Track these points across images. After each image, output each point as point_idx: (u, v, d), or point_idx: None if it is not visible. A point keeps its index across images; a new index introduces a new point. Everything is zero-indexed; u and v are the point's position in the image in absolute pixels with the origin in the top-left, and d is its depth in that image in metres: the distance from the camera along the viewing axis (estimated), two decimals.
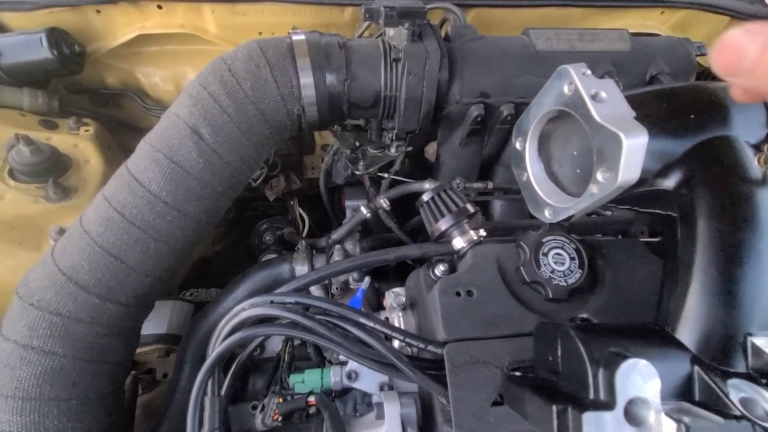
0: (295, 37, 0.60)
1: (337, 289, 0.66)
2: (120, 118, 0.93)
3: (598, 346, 0.32)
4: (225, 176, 0.58)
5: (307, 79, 0.59)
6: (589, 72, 0.39)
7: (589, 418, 0.28)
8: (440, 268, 0.50)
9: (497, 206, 0.80)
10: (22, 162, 0.65)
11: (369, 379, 0.51)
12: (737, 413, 0.29)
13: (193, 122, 0.56)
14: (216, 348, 0.45)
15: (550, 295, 0.45)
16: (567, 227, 0.51)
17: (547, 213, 0.47)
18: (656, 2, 0.84)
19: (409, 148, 0.75)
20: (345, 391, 0.59)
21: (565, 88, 0.40)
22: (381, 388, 0.50)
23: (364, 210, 0.71)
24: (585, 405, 0.30)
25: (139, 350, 0.78)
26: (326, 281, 0.66)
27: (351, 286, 0.66)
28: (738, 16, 0.88)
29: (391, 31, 0.63)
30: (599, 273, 0.48)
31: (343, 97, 0.62)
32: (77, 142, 0.74)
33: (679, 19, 0.88)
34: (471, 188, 0.74)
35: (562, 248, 0.47)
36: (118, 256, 0.54)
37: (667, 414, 0.29)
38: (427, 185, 0.63)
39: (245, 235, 1.12)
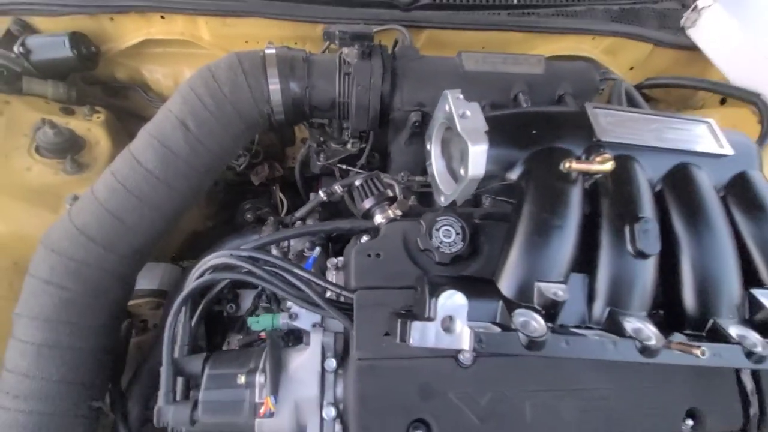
0: (267, 51, 0.76)
1: (293, 256, 0.82)
2: (127, 108, 1.09)
3: (437, 286, 0.47)
4: (206, 160, 0.74)
5: (274, 86, 0.74)
6: (461, 96, 0.54)
7: (416, 325, 0.44)
8: (364, 239, 0.66)
9: None
10: (47, 141, 0.81)
11: (306, 320, 0.66)
12: (514, 328, 0.44)
13: (182, 116, 0.71)
14: (188, 286, 0.61)
15: (437, 260, 0.60)
16: (457, 209, 0.66)
17: (441, 198, 0.63)
18: (585, 30, 0.98)
19: (363, 145, 0.90)
20: (295, 337, 0.75)
21: (446, 107, 0.56)
22: (314, 326, 0.66)
23: (321, 194, 0.86)
24: (418, 319, 0.45)
25: (134, 302, 0.95)
26: (285, 249, 0.81)
27: (305, 254, 0.82)
28: (660, 44, 1.02)
29: (346, 50, 0.78)
30: (480, 246, 0.63)
31: (305, 101, 0.78)
32: (90, 126, 0.89)
33: (608, 45, 1.02)
34: (414, 181, 0.89)
35: (450, 226, 0.62)
36: (120, 217, 0.70)
37: (469, 326, 0.44)
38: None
39: (234, 215, 1.28)
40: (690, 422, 0.58)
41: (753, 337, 0.47)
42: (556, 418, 0.55)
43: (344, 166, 0.93)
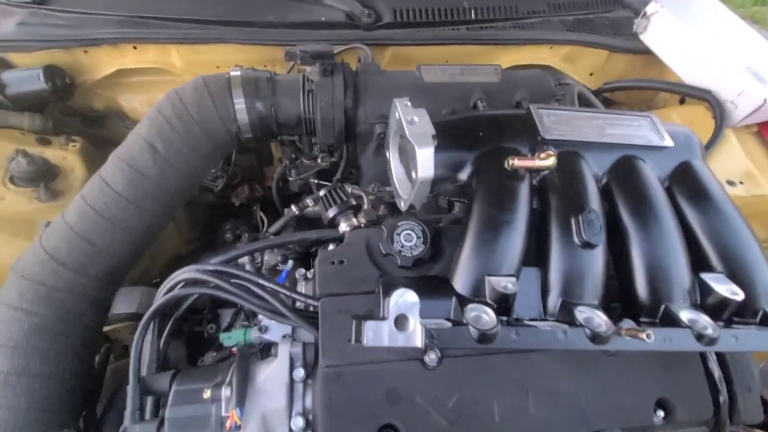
0: (232, 73, 0.79)
1: (266, 270, 0.83)
2: (106, 136, 1.11)
3: (391, 286, 0.48)
4: (176, 180, 0.76)
5: (240, 105, 0.77)
6: (408, 104, 0.57)
7: (369, 325, 0.45)
8: (330, 247, 0.67)
9: None
10: (20, 170, 0.82)
11: (276, 332, 0.67)
12: (465, 323, 0.45)
13: (150, 139, 0.73)
14: (155, 302, 0.61)
15: (399, 263, 0.61)
16: (417, 214, 0.67)
17: (402, 203, 0.64)
18: (542, 41, 1.03)
19: (333, 159, 0.92)
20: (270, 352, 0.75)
21: (396, 115, 0.58)
22: (284, 337, 0.66)
23: (294, 208, 0.88)
24: (372, 319, 0.46)
25: (113, 327, 0.94)
26: (258, 264, 0.82)
27: (278, 268, 0.83)
28: (615, 50, 1.07)
29: (309, 68, 0.82)
30: (442, 249, 0.64)
31: (271, 118, 0.80)
32: (66, 155, 0.91)
33: (566, 53, 1.06)
34: (384, 191, 0.91)
35: (411, 230, 0.63)
36: (90, 240, 0.71)
37: (421, 323, 0.45)
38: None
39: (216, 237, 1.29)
40: (661, 413, 0.58)
41: (703, 320, 0.48)
42: (525, 415, 0.55)
43: (317, 181, 0.95)
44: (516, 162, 0.50)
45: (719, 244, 0.54)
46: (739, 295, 0.49)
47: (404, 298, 0.46)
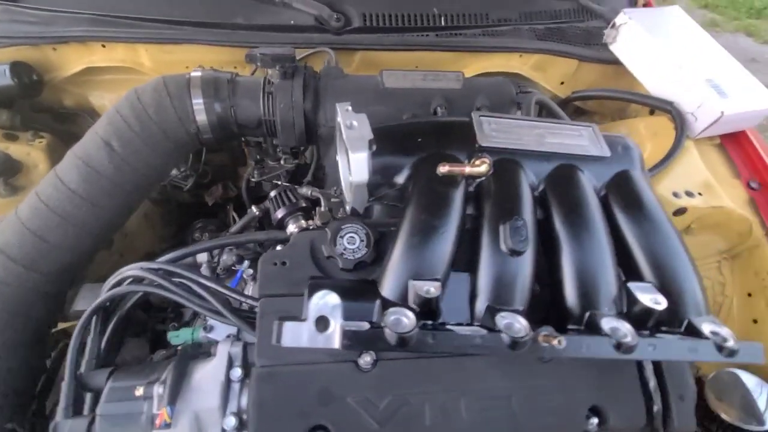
0: (192, 74, 0.80)
1: (223, 270, 0.83)
2: (76, 133, 1.11)
3: (316, 288, 0.49)
4: (133, 178, 0.76)
5: (198, 106, 0.78)
6: (349, 108, 0.57)
7: (288, 326, 0.45)
8: (277, 249, 0.67)
9: (375, 210, 0.97)
10: None
11: (221, 331, 0.67)
12: (383, 326, 0.45)
13: (107, 137, 0.74)
14: (98, 298, 0.62)
15: (341, 266, 0.62)
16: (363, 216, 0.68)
17: (347, 207, 0.65)
18: (512, 49, 1.04)
19: (296, 161, 0.93)
20: None
21: (338, 119, 0.59)
22: (228, 337, 0.66)
23: (255, 209, 0.88)
24: (296, 320, 0.47)
25: (73, 323, 0.94)
26: (215, 264, 0.83)
27: (234, 268, 0.83)
28: (584, 60, 1.08)
29: (270, 71, 0.82)
30: (386, 252, 0.65)
31: (230, 119, 0.81)
32: (30, 151, 0.92)
33: (536, 61, 1.07)
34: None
35: (355, 233, 0.64)
36: (42, 236, 0.71)
37: (342, 325, 0.45)
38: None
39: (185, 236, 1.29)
40: (594, 420, 0.58)
41: (624, 328, 0.48)
42: (456, 419, 0.56)
43: (280, 183, 0.95)
44: (447, 168, 0.51)
45: (650, 254, 0.54)
46: (662, 305, 0.49)
47: (325, 300, 0.46)
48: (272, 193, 0.71)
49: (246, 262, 0.82)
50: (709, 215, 0.89)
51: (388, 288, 0.50)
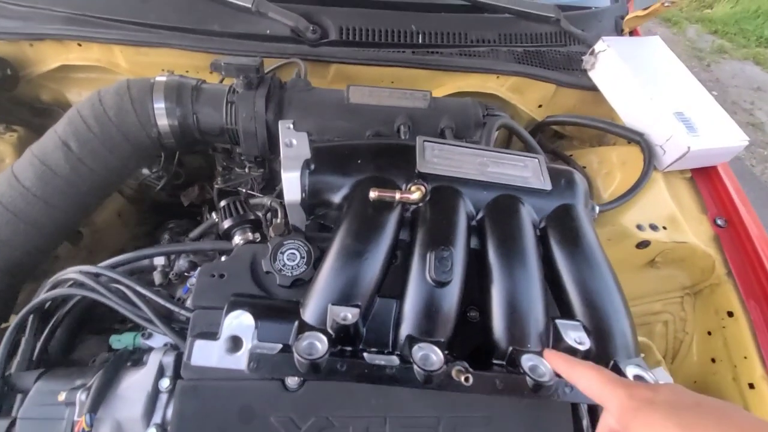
0: (157, 78, 0.80)
1: (175, 276, 0.83)
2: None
3: (235, 306, 0.48)
4: (90, 180, 0.77)
5: (160, 111, 0.78)
6: (291, 126, 0.57)
7: (198, 344, 0.45)
8: (221, 260, 0.67)
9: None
10: None
11: (159, 339, 0.67)
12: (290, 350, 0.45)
13: (65, 137, 0.75)
14: (35, 299, 0.62)
15: (278, 282, 0.61)
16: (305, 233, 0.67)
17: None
18: (488, 70, 1.03)
19: (261, 170, 0.93)
20: None
21: (281, 135, 0.58)
22: (165, 345, 0.66)
23: (214, 215, 0.88)
24: (209, 337, 0.46)
25: None
26: (168, 270, 0.82)
27: (186, 275, 0.83)
28: (561, 84, 1.07)
29: (236, 80, 0.83)
30: None
31: (192, 126, 0.81)
32: None
33: (513, 83, 1.07)
34: None
35: (297, 249, 0.63)
36: None
37: (254, 347, 0.45)
38: (256, 200, 0.81)
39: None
40: None
41: (544, 367, 0.47)
42: None
43: (244, 190, 0.95)
44: (377, 193, 0.51)
45: (583, 291, 0.54)
46: (584, 345, 0.49)
47: (239, 320, 0.46)
48: (222, 203, 0.71)
49: (198, 269, 0.82)
50: (672, 250, 0.88)
51: (309, 311, 0.50)
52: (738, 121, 3.60)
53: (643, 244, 0.86)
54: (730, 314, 0.84)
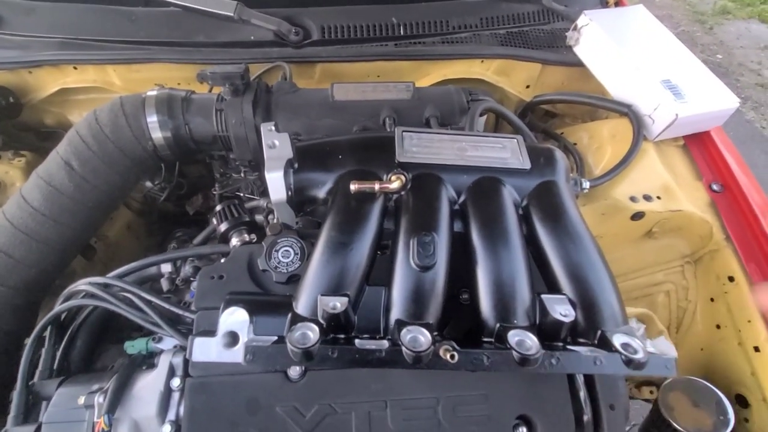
0: (148, 93, 0.83)
1: (182, 281, 0.86)
2: None
3: (231, 303, 0.51)
4: (94, 196, 0.80)
5: (153, 124, 0.81)
6: (272, 128, 0.60)
7: (197, 342, 0.48)
8: (221, 262, 0.70)
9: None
10: None
11: (169, 342, 0.70)
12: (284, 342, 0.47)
13: (67, 157, 0.78)
14: (53, 311, 0.66)
15: (275, 279, 0.64)
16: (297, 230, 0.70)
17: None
18: (472, 55, 1.04)
19: (257, 173, 0.95)
20: None
21: (263, 138, 0.61)
22: (174, 347, 0.70)
23: (214, 220, 0.91)
24: (209, 335, 0.49)
25: None
26: (174, 276, 0.86)
27: (191, 280, 0.86)
28: (547, 63, 1.07)
29: (223, 88, 0.85)
30: None
31: (186, 136, 0.84)
32: (8, 169, 0.97)
33: (498, 66, 1.07)
34: None
35: (290, 246, 0.66)
36: (7, 252, 0.76)
37: (250, 340, 0.48)
38: (253, 203, 0.84)
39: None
40: (523, 429, 0.59)
41: (530, 341, 0.49)
42: (382, 427, 0.57)
43: (243, 195, 0.98)
44: (356, 186, 0.53)
45: (567, 265, 0.55)
46: (569, 317, 0.50)
47: (234, 316, 0.48)
48: (217, 207, 0.73)
49: (199, 273, 0.85)
50: (669, 219, 0.88)
51: (301, 304, 0.52)
52: (746, 82, 3.50)
53: (637, 216, 0.86)
54: (731, 279, 0.84)
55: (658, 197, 0.87)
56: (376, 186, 0.53)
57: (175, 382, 0.62)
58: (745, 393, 0.79)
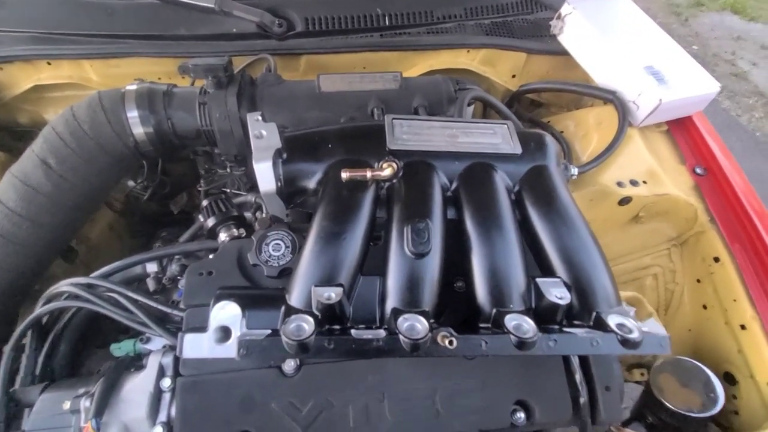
0: (128, 87, 0.80)
1: (169, 280, 0.84)
2: None
3: (222, 298, 0.50)
4: (73, 195, 0.77)
5: (134, 119, 0.78)
6: (259, 118, 0.58)
7: (187, 338, 0.46)
8: (209, 258, 0.68)
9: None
10: None
11: (158, 343, 0.68)
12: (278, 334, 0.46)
13: (43, 155, 0.75)
14: (32, 314, 0.63)
15: (266, 273, 0.62)
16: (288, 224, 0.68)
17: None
18: (457, 45, 1.04)
19: (243, 168, 0.93)
20: None
21: (250, 128, 0.59)
22: (163, 347, 0.68)
23: (201, 217, 0.89)
24: (200, 331, 0.47)
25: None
26: (160, 275, 0.83)
27: (178, 278, 0.84)
28: (532, 52, 1.08)
29: (206, 81, 0.83)
30: None
31: (168, 131, 0.82)
32: None
33: (483, 56, 1.07)
34: None
35: (281, 240, 0.64)
36: None
37: (243, 335, 0.46)
38: (240, 198, 0.82)
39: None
40: (521, 414, 0.59)
41: (526, 325, 0.49)
42: (380, 419, 0.57)
43: (228, 191, 0.96)
44: (347, 174, 0.52)
45: (561, 249, 0.55)
46: (564, 299, 0.50)
47: (225, 311, 0.47)
48: (204, 203, 0.72)
49: (186, 270, 0.83)
50: (655, 203, 0.89)
51: (294, 296, 0.51)
52: (721, 72, 3.58)
53: (625, 201, 0.87)
54: (717, 260, 0.85)
55: (644, 182, 0.88)
56: (368, 174, 0.52)
57: (166, 383, 0.60)
58: (733, 371, 0.81)
